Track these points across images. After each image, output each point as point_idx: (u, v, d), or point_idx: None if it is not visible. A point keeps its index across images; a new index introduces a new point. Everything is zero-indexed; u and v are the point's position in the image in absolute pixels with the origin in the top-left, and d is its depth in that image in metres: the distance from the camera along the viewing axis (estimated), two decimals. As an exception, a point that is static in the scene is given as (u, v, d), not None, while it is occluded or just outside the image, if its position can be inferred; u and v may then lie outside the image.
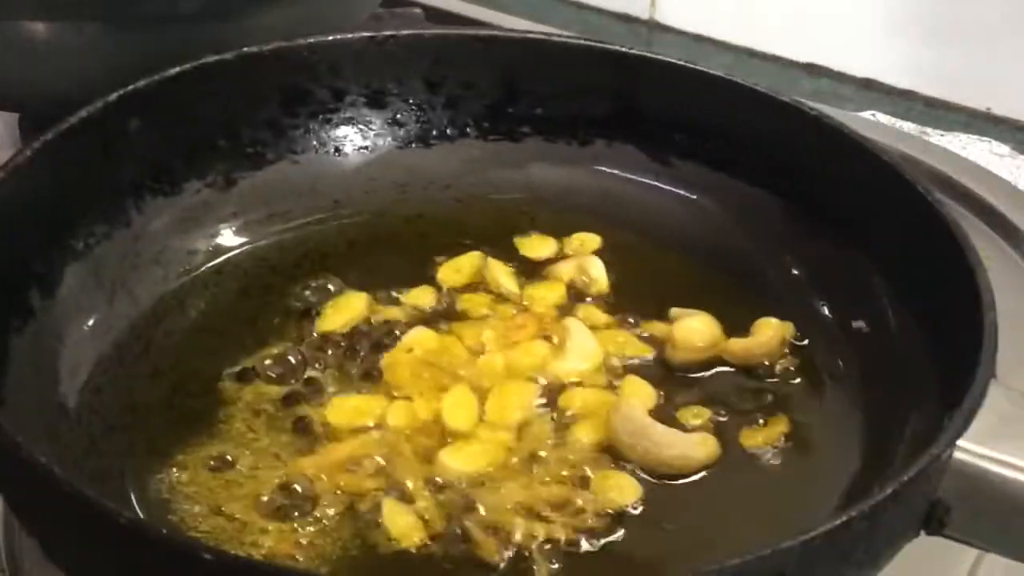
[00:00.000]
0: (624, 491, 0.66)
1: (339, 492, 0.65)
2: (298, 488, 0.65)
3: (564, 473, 0.67)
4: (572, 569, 0.62)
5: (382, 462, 0.67)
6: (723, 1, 1.43)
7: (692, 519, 0.66)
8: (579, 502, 0.65)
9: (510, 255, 0.85)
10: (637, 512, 0.65)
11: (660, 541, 0.64)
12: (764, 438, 0.70)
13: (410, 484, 0.65)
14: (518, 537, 0.62)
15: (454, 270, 0.82)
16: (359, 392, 0.72)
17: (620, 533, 0.64)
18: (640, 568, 0.63)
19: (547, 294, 0.81)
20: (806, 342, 0.78)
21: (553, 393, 0.73)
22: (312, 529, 0.63)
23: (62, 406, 0.68)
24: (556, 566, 0.62)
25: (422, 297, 0.80)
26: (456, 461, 0.67)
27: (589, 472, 0.67)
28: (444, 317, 0.79)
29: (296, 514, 0.64)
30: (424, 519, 0.63)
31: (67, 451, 0.66)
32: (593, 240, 0.85)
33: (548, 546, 0.62)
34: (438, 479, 0.66)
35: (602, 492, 0.66)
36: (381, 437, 0.69)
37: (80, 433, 0.68)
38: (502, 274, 0.82)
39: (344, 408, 0.71)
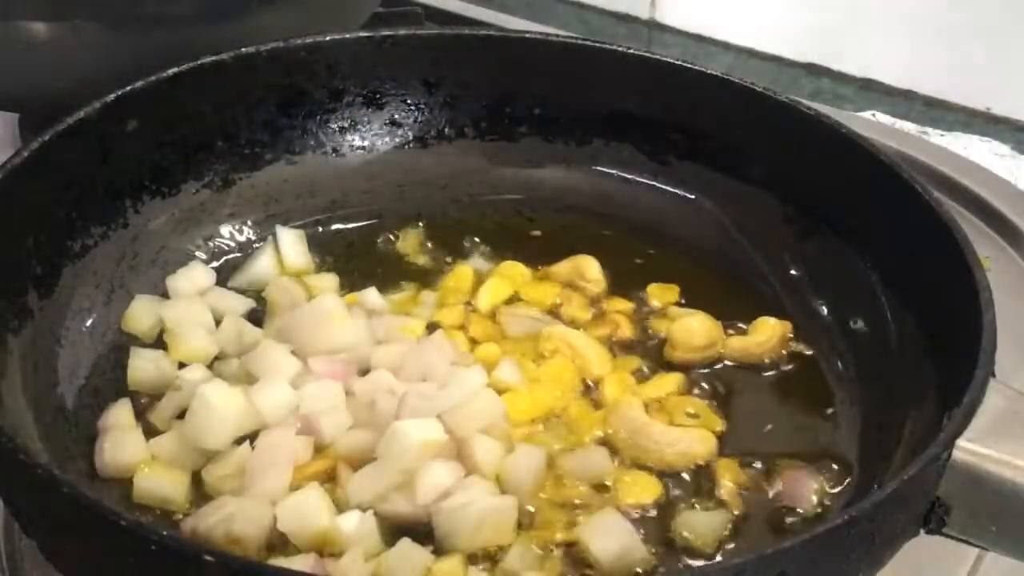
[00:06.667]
0: (646, 489, 0.67)
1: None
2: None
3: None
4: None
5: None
6: (723, 1, 1.43)
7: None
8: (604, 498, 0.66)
9: (510, 255, 0.85)
10: (653, 507, 0.66)
11: (668, 538, 0.65)
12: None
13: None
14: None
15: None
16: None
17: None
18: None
19: (542, 296, 0.81)
20: (804, 341, 0.78)
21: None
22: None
23: (60, 407, 0.69)
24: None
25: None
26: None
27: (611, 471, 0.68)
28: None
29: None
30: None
31: (66, 452, 0.66)
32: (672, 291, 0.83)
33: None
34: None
35: (626, 491, 0.67)
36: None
37: (79, 434, 0.68)
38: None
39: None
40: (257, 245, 0.84)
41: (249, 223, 0.85)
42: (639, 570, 0.63)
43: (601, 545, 0.62)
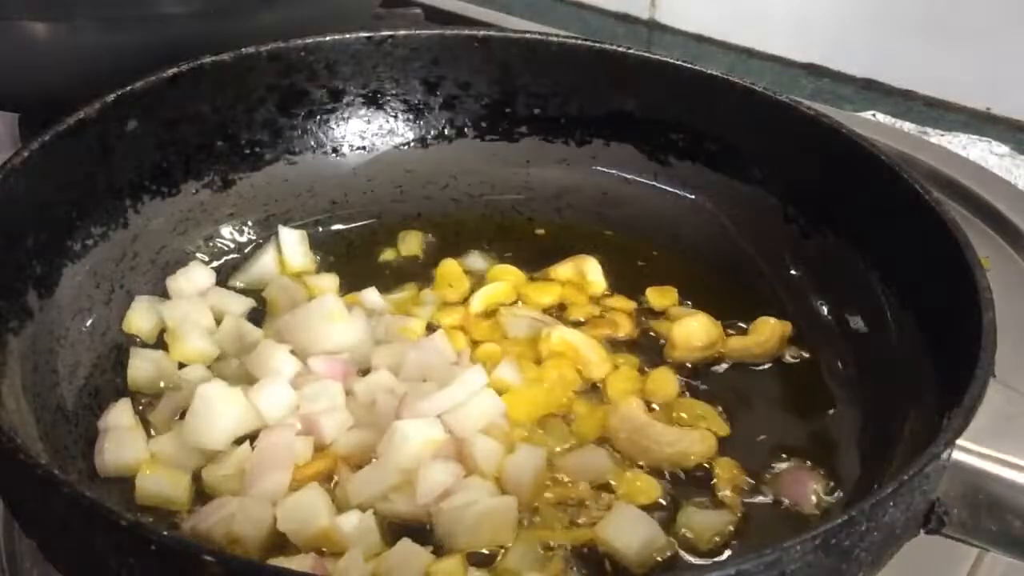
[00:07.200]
0: (646, 489, 0.67)
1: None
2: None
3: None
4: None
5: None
6: (723, 1, 1.43)
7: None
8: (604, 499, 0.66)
9: (510, 255, 0.85)
10: (653, 507, 0.66)
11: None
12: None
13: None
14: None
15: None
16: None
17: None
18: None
19: (542, 297, 0.81)
20: (805, 342, 0.78)
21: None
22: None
23: (60, 407, 0.68)
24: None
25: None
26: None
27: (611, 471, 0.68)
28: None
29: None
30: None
31: (66, 452, 0.66)
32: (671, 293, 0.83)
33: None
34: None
35: (627, 492, 0.67)
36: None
37: (79, 434, 0.68)
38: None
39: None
40: (257, 245, 0.84)
41: (249, 223, 0.85)
42: (659, 558, 0.63)
43: (625, 540, 0.63)
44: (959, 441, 0.56)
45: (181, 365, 0.73)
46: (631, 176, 0.89)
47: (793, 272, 0.82)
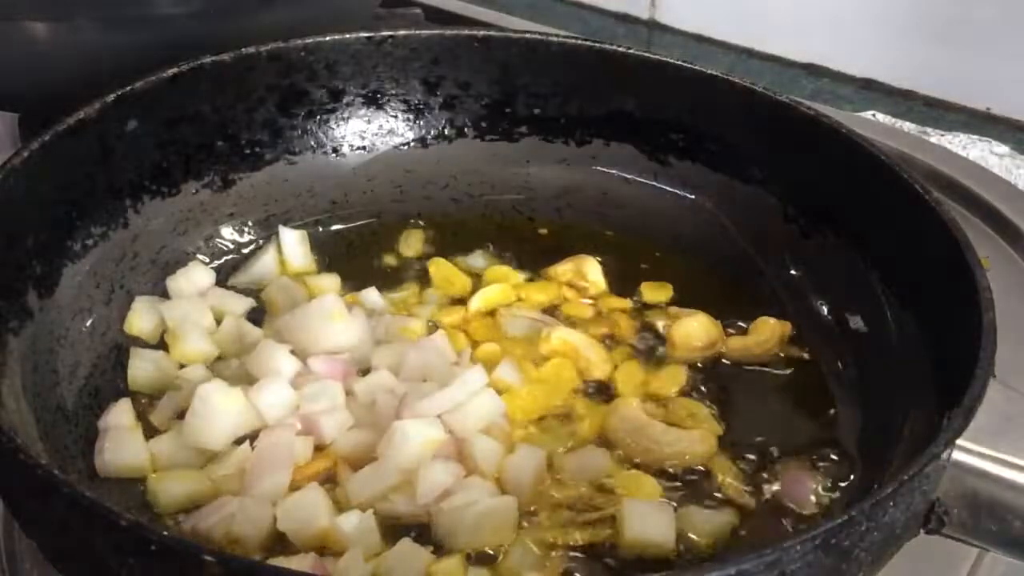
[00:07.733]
0: (646, 489, 0.67)
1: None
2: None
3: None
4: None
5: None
6: (723, 1, 1.43)
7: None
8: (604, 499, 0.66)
9: (510, 255, 0.86)
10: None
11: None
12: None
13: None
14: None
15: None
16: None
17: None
18: (649, 564, 0.63)
19: (542, 296, 0.81)
20: (804, 342, 0.78)
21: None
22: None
23: (60, 407, 0.68)
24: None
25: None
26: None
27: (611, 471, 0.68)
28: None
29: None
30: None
31: (66, 452, 0.66)
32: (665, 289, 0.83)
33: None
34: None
35: (627, 492, 0.67)
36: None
37: (79, 434, 0.68)
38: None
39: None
40: (257, 245, 0.84)
41: (249, 223, 0.85)
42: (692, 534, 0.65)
43: (655, 532, 0.63)
44: (959, 441, 0.56)
45: (181, 365, 0.73)
46: (631, 176, 0.90)
47: (793, 272, 0.82)
